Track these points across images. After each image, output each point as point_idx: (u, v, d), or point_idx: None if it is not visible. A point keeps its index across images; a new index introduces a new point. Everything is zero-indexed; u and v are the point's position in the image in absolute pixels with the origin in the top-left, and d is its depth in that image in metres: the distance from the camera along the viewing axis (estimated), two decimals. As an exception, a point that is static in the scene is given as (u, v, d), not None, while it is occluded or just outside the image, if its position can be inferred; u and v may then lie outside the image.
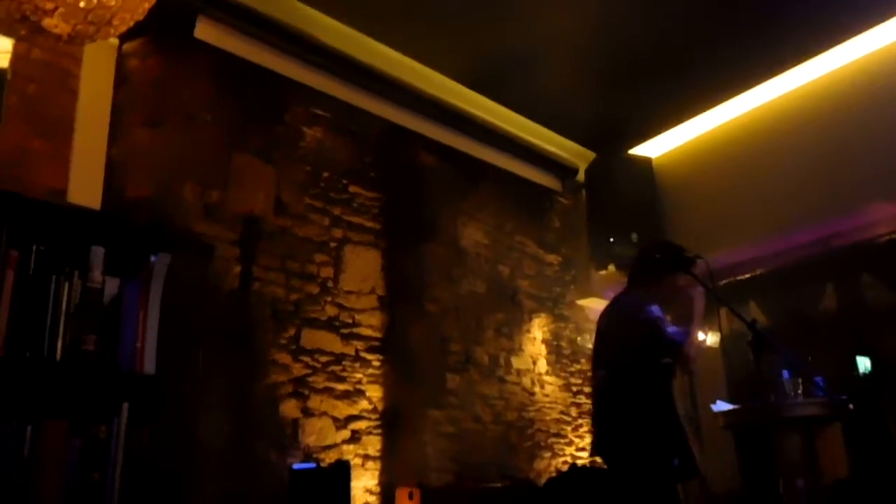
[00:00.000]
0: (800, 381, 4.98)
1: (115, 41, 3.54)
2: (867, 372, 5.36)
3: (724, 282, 5.81)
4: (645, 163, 5.86)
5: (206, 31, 3.84)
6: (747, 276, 5.68)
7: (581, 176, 6.04)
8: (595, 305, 6.01)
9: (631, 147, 5.88)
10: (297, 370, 3.90)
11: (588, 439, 5.65)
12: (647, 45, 4.70)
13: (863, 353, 5.42)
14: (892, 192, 4.58)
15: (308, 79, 4.29)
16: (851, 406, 4.72)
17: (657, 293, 3.28)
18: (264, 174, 4.04)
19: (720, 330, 4.79)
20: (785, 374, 5.00)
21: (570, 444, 5.49)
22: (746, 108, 5.42)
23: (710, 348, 5.03)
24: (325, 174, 4.35)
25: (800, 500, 4.57)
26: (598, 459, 5.56)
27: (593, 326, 5.88)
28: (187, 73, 3.83)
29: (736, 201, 5.38)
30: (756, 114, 5.40)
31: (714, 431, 4.97)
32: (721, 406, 4.88)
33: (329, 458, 3.89)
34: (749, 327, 3.06)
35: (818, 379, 5.00)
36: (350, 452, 4.00)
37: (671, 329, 3.10)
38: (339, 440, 3.98)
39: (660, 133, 5.77)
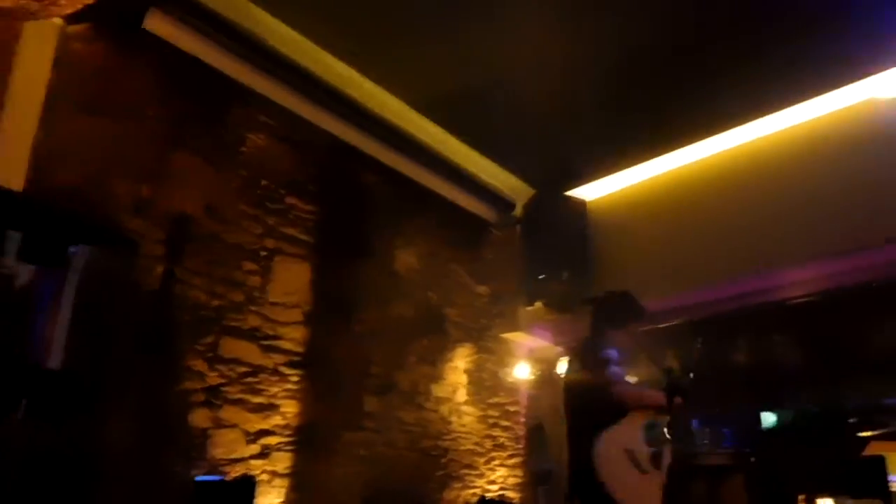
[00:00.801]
0: (708, 430, 5.15)
1: (59, 21, 3.41)
2: (771, 427, 5.57)
3: (644, 328, 5.97)
4: (580, 205, 5.98)
5: (156, 23, 3.74)
6: (667, 324, 5.84)
7: (518, 211, 6.11)
8: (520, 340, 6.07)
9: (569, 188, 5.99)
10: (212, 379, 3.79)
11: (500, 472, 5.66)
12: (593, 92, 4.83)
13: (768, 409, 5.63)
14: (805, 258, 4.80)
15: (256, 84, 4.23)
16: (753, 459, 4.89)
17: (612, 339, 3.34)
18: (201, 175, 3.95)
19: (637, 375, 4.90)
20: (695, 423, 5.15)
21: (482, 476, 5.48)
22: (680, 164, 5.59)
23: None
24: (264, 182, 4.28)
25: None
26: (508, 494, 5.60)
27: (516, 360, 6.00)
28: (132, 63, 3.72)
29: (663, 251, 5.53)
30: (688, 170, 5.58)
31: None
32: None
33: (235, 472, 3.77)
34: (665, 375, 3.14)
35: (725, 430, 5.18)
36: (258, 468, 3.90)
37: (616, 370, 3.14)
38: (247, 454, 3.87)
39: (598, 177, 5.90)
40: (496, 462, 5.67)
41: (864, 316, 5.29)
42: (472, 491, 5.31)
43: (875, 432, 4.59)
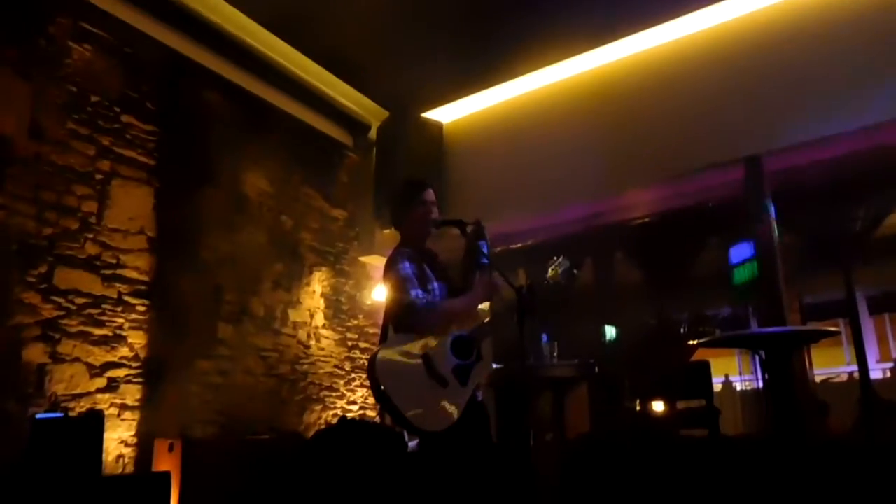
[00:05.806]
0: (556, 344, 5.45)
1: None
2: (612, 339, 5.97)
3: (498, 249, 6.14)
4: (436, 127, 5.98)
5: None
6: (519, 245, 6.05)
7: (373, 133, 6.02)
8: (377, 263, 6.07)
9: (424, 110, 5.96)
10: (48, 312, 3.53)
11: (360, 393, 5.74)
12: (446, 12, 4.75)
13: (610, 323, 6.03)
14: (647, 180, 5.08)
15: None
16: (597, 369, 5.25)
17: (409, 236, 3.11)
18: (18, 91, 3.56)
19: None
20: (544, 338, 5.43)
21: (342, 397, 5.54)
22: (534, 87, 5.68)
23: (482, 311, 5.29)
24: (94, 98, 3.93)
25: (547, 452, 4.99)
26: (369, 413, 5.70)
27: (374, 283, 6.01)
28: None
29: (516, 174, 5.66)
30: (542, 93, 5.68)
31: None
32: (487, 365, 5.17)
33: (80, 407, 3.58)
34: (517, 293, 3.24)
35: (571, 343, 5.50)
36: (105, 402, 3.72)
37: (415, 291, 2.68)
38: (93, 388, 3.68)
39: (452, 100, 5.89)
40: (356, 383, 5.73)
41: (691, 235, 5.73)
42: (332, 412, 5.36)
43: (701, 340, 4.99)
